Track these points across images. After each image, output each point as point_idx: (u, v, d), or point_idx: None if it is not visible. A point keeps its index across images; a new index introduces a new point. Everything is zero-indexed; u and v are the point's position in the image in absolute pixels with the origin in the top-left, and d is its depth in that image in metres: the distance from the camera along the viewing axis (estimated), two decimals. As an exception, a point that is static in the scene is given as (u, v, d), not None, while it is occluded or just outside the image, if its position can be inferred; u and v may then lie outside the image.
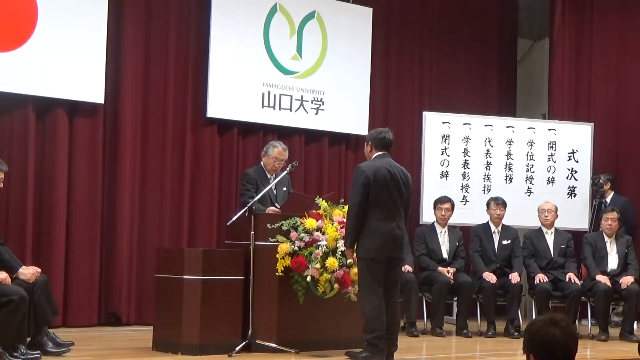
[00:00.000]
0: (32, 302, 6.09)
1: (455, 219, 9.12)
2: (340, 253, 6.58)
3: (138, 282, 8.42)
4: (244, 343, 6.52)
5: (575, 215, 9.82)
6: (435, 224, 8.97)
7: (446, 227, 8.95)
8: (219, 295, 6.56)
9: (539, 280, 8.58)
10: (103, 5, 8.14)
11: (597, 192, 9.82)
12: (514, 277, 8.64)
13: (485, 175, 9.89)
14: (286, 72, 9.30)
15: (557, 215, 9.00)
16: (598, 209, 9.61)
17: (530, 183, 9.96)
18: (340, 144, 9.82)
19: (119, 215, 8.29)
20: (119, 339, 7.57)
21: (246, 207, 6.67)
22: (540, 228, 8.98)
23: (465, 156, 9.87)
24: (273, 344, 6.59)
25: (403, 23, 10.39)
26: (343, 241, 6.50)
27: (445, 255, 8.83)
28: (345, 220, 6.52)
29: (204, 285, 6.52)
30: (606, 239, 8.82)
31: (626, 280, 8.50)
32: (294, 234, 6.64)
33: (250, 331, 6.56)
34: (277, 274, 6.60)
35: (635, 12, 10.51)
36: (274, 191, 7.43)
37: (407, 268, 8.37)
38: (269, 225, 6.67)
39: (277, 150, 7.51)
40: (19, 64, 7.71)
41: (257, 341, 6.57)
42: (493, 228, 8.99)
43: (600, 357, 7.53)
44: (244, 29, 8.99)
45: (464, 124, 9.89)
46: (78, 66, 7.99)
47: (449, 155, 9.84)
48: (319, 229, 6.65)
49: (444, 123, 9.84)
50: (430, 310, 8.63)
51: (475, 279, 8.73)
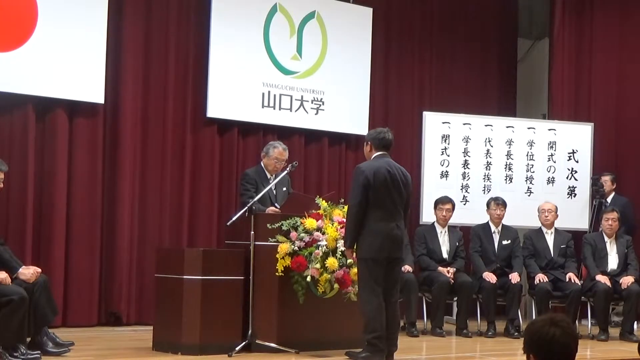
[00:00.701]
0: (32, 302, 6.08)
1: (455, 219, 9.12)
2: (340, 253, 6.58)
3: (138, 282, 8.41)
4: (244, 343, 6.51)
5: (575, 215, 9.82)
6: (436, 224, 8.97)
7: (446, 227, 8.95)
8: (219, 295, 6.56)
9: (539, 280, 8.58)
10: (103, 5, 8.14)
11: (597, 192, 9.82)
12: (514, 277, 8.64)
13: (485, 175, 9.89)
14: (286, 72, 9.30)
15: (557, 215, 8.99)
16: (598, 209, 9.60)
17: (530, 183, 9.96)
18: (340, 144, 9.82)
19: (119, 215, 8.29)
20: (119, 339, 7.57)
21: (246, 207, 6.67)
22: (540, 228, 8.98)
23: (465, 156, 9.87)
24: (273, 344, 6.59)
25: (403, 23, 10.39)
26: (343, 241, 6.50)
27: (445, 255, 8.83)
28: (345, 220, 6.52)
29: (204, 285, 6.51)
30: (606, 239, 8.82)
31: (626, 281, 8.50)
32: (294, 234, 6.64)
33: (250, 331, 6.55)
34: (277, 274, 6.60)
35: (635, 12, 10.50)
36: (274, 191, 7.42)
37: (407, 268, 8.38)
38: (269, 225, 6.67)
39: (278, 150, 7.50)
40: (19, 64, 7.71)
41: (257, 341, 6.57)
42: (493, 228, 8.99)
43: (600, 357, 7.52)
44: (244, 29, 8.99)
45: (464, 124, 9.88)
46: (78, 66, 7.99)
47: (449, 155, 9.84)
48: (319, 229, 6.65)
49: (444, 123, 9.84)
50: (430, 310, 8.62)
51: (475, 279, 8.73)
